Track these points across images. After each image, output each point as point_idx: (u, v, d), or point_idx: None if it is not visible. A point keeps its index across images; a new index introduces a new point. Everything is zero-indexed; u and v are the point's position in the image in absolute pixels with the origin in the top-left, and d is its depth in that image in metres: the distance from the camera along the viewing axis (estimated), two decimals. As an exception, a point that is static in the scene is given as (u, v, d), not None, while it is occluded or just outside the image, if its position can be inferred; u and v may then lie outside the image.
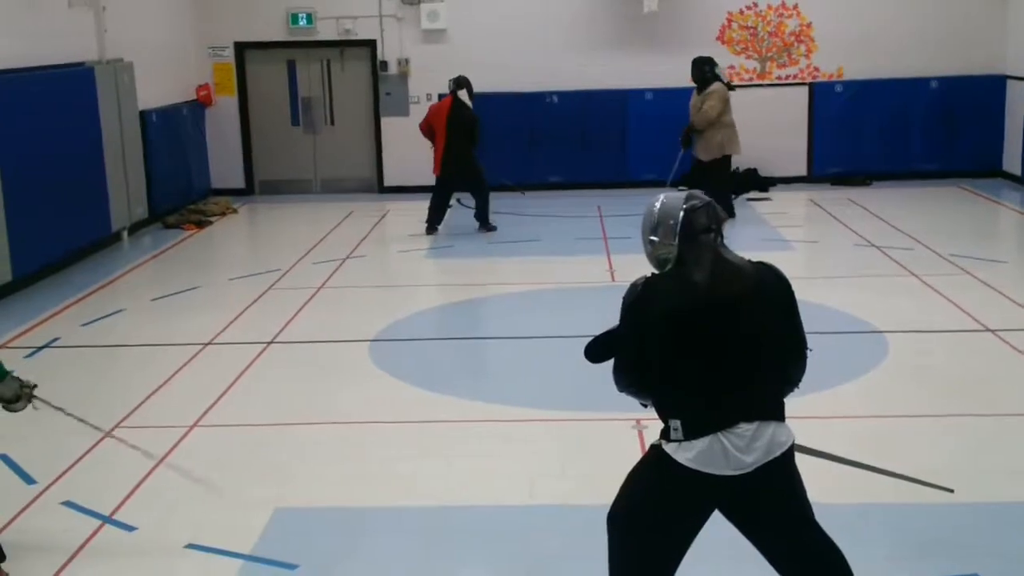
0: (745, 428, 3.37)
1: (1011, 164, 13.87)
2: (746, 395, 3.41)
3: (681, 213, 3.42)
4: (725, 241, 3.50)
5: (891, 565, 4.47)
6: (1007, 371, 6.93)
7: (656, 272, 3.50)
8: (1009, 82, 13.86)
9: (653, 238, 3.47)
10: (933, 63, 14.09)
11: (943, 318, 8.05)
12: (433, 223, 11.88)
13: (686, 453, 3.37)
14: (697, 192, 3.53)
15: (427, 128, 11.82)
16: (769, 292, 3.46)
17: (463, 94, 11.72)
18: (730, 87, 11.81)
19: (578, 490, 5.31)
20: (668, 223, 3.43)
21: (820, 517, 3.55)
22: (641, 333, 3.43)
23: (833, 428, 5.91)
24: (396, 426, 6.26)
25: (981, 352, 7.31)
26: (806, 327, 3.57)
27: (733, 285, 3.40)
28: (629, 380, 3.54)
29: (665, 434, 3.45)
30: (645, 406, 3.62)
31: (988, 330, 7.66)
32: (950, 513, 4.91)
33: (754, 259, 3.54)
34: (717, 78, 11.70)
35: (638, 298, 3.45)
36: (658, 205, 3.50)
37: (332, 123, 14.80)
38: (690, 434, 3.37)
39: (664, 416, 3.46)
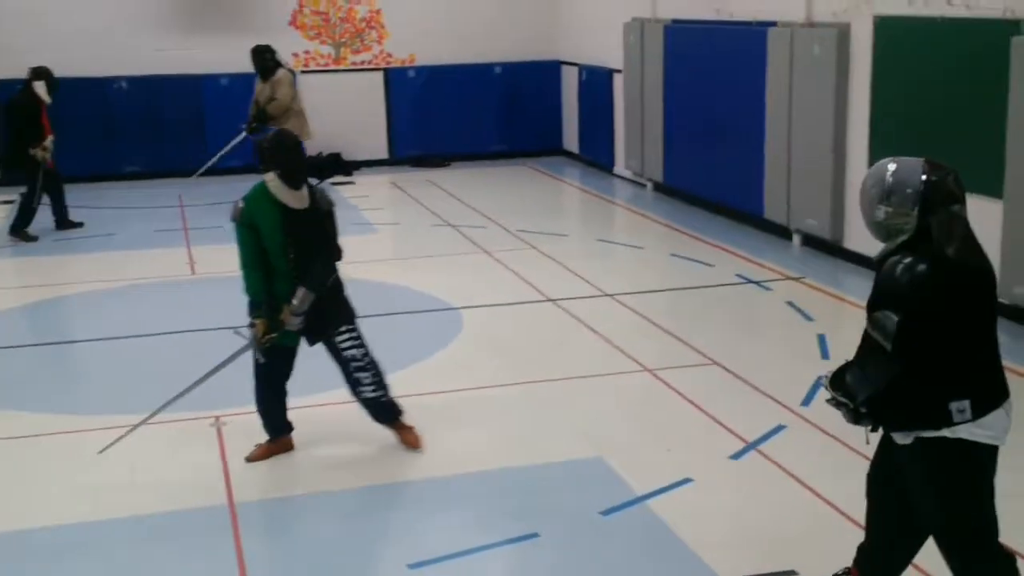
0: (1008, 397, 3.36)
1: (570, 143, 15.07)
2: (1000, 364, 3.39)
3: (922, 181, 3.23)
4: None
5: (463, 534, 4.68)
6: (568, 338, 7.50)
7: (899, 247, 3.26)
8: (563, 67, 15.02)
9: (885, 207, 3.28)
10: (496, 49, 14.92)
11: (510, 292, 8.58)
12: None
13: (986, 431, 3.27)
14: (934, 160, 3.30)
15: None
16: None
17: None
18: (293, 72, 11.99)
19: (149, 499, 5.08)
20: (905, 191, 3.23)
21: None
22: (928, 313, 3.19)
23: (418, 403, 6.13)
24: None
25: (545, 321, 7.87)
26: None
27: (981, 256, 3.30)
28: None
29: (936, 421, 3.25)
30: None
31: (550, 300, 8.28)
32: (515, 476, 5.26)
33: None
34: (279, 65, 11.96)
35: (922, 281, 3.17)
36: (891, 171, 3.28)
37: None
38: (980, 411, 3.25)
39: (938, 401, 3.25)
